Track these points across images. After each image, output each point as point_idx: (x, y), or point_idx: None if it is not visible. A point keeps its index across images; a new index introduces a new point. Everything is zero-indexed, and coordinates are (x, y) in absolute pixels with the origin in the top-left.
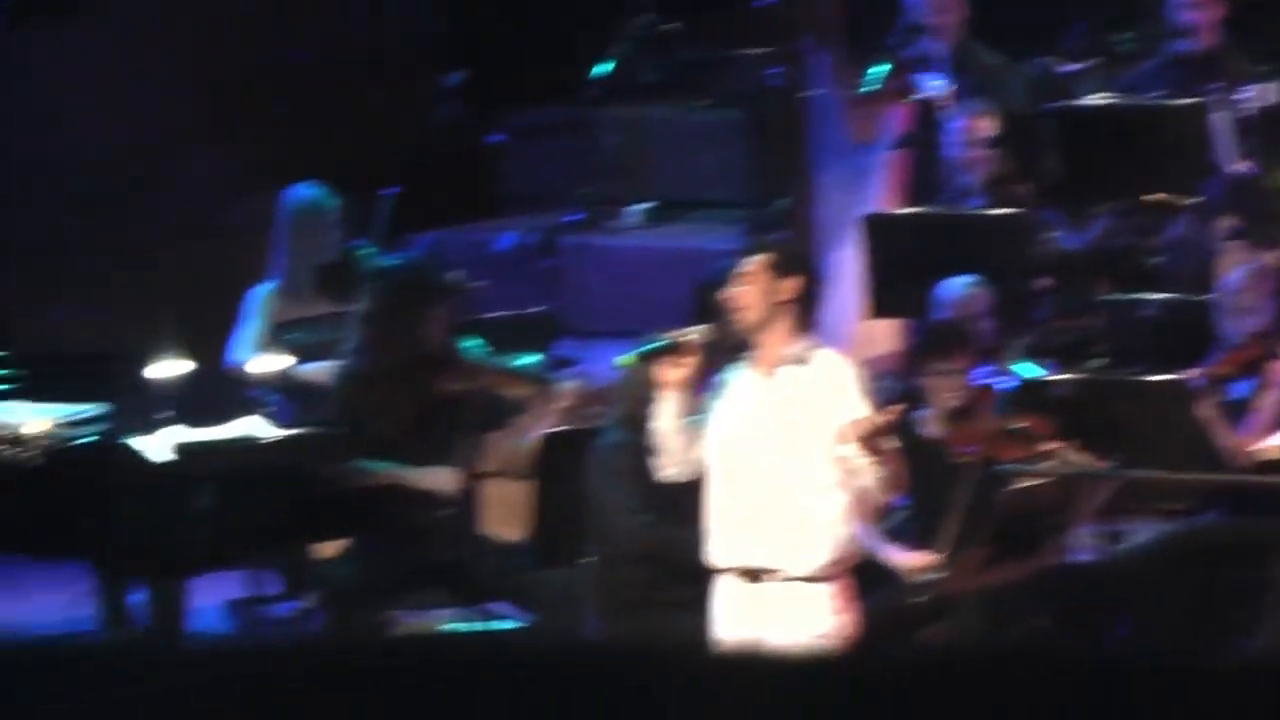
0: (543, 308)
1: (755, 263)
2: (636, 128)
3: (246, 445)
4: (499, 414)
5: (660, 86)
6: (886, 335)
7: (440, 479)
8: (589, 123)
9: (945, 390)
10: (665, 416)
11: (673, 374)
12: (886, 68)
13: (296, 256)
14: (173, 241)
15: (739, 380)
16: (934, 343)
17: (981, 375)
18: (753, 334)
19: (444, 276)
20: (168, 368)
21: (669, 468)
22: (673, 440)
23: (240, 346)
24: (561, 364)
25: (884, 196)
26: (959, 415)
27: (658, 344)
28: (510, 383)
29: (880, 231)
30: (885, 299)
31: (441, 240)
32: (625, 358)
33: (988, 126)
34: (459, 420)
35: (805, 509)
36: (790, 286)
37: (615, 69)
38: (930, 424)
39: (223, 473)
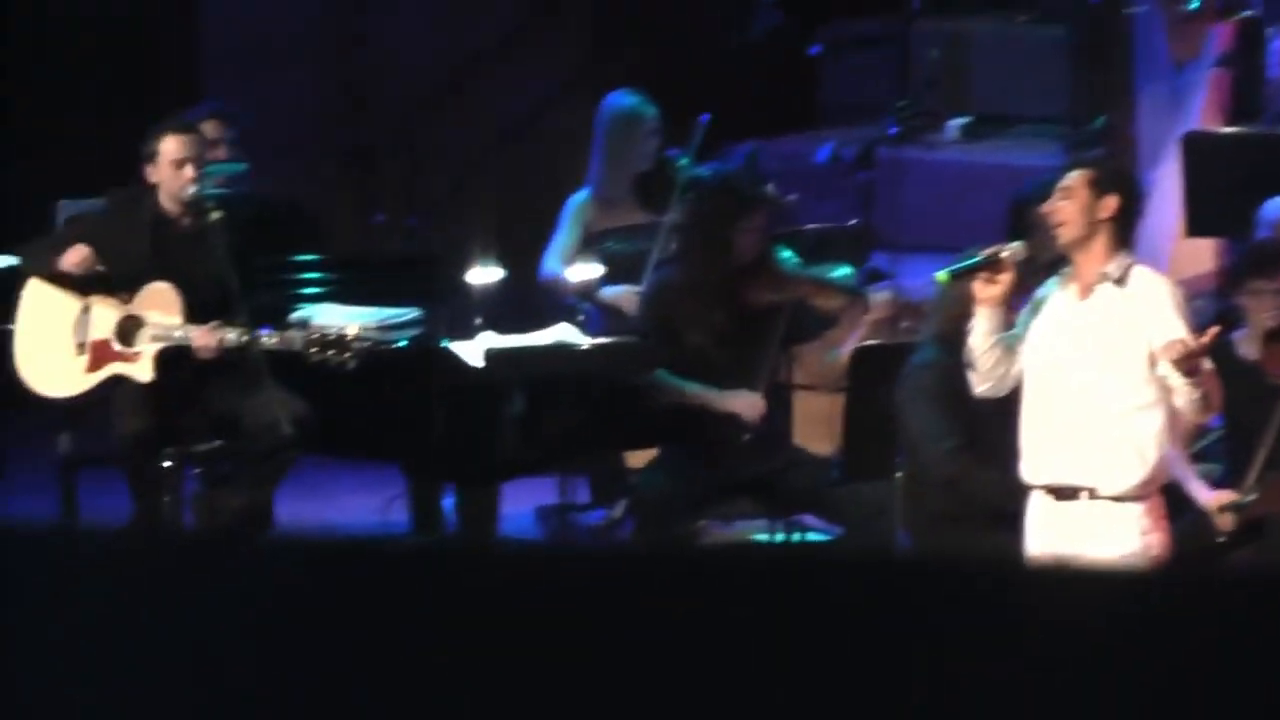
0: (858, 220)
1: (1075, 178)
2: (956, 41)
3: (559, 353)
4: (811, 326)
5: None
6: (1204, 254)
7: (744, 403)
8: (908, 35)
9: (1264, 310)
10: (979, 333)
11: (987, 290)
12: None
13: (613, 165)
14: (491, 148)
15: (1054, 298)
16: (1255, 260)
17: None
18: (1071, 251)
19: (760, 187)
20: (484, 273)
21: (981, 384)
22: (986, 357)
23: (555, 254)
24: (875, 277)
25: (1204, 115)
26: (1277, 336)
27: (973, 260)
28: (823, 294)
29: (1200, 150)
30: (1203, 218)
31: (758, 150)
32: (940, 274)
33: None
34: (772, 332)
35: (1119, 428)
36: (1110, 204)
37: None
38: (1246, 344)
39: (535, 380)
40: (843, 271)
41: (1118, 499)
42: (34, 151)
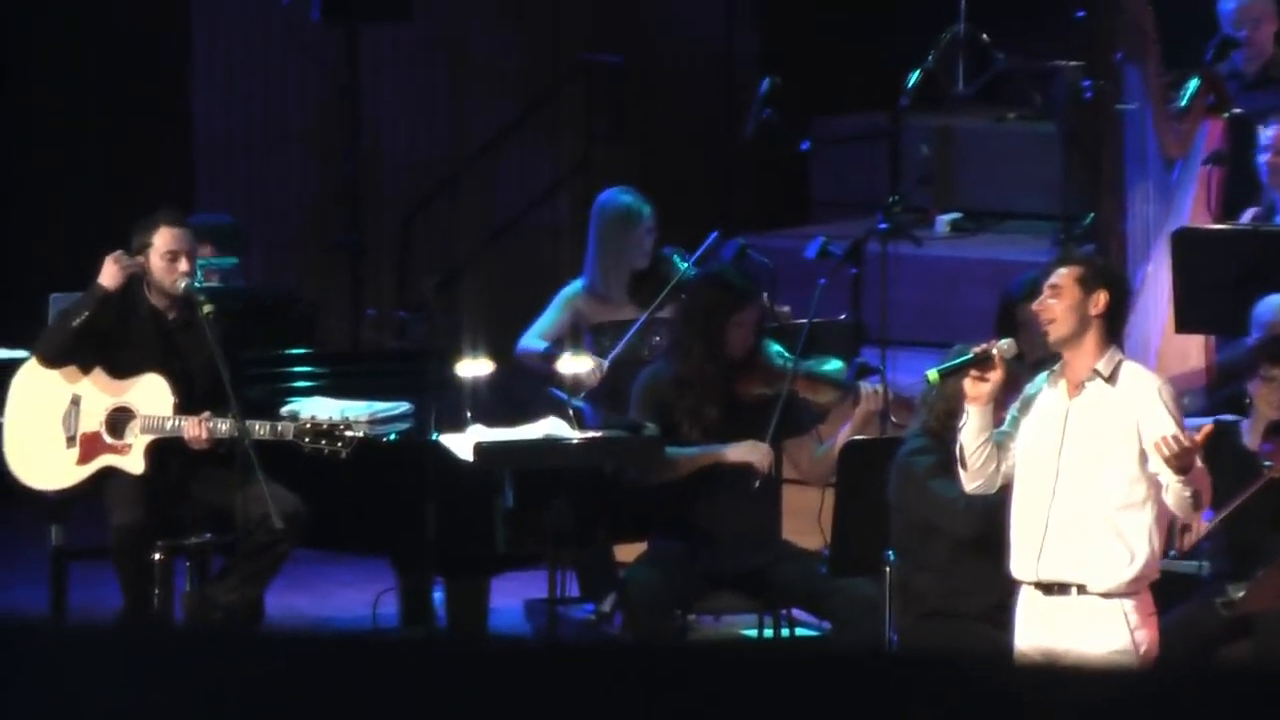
0: (847, 316)
1: (1064, 275)
2: (946, 137)
3: (550, 446)
4: (801, 420)
5: (971, 97)
6: (1193, 351)
7: (753, 451)
8: (898, 131)
9: (1274, 398)
10: (969, 431)
11: (977, 388)
12: (1197, 83)
13: (607, 261)
14: (484, 242)
15: (1044, 394)
16: (1272, 347)
17: None
18: (1061, 348)
19: (749, 283)
20: (474, 367)
21: (972, 482)
22: (977, 454)
23: (535, 331)
24: (864, 371)
25: (1194, 212)
26: (1278, 430)
27: (962, 359)
28: (814, 387)
29: (1190, 246)
30: (1193, 314)
31: (749, 246)
32: (930, 373)
33: None
34: (763, 426)
35: (1109, 525)
36: (1100, 300)
37: (927, 78)
38: (1250, 434)
39: (526, 473)
40: (833, 365)
41: (1107, 595)
42: (26, 243)
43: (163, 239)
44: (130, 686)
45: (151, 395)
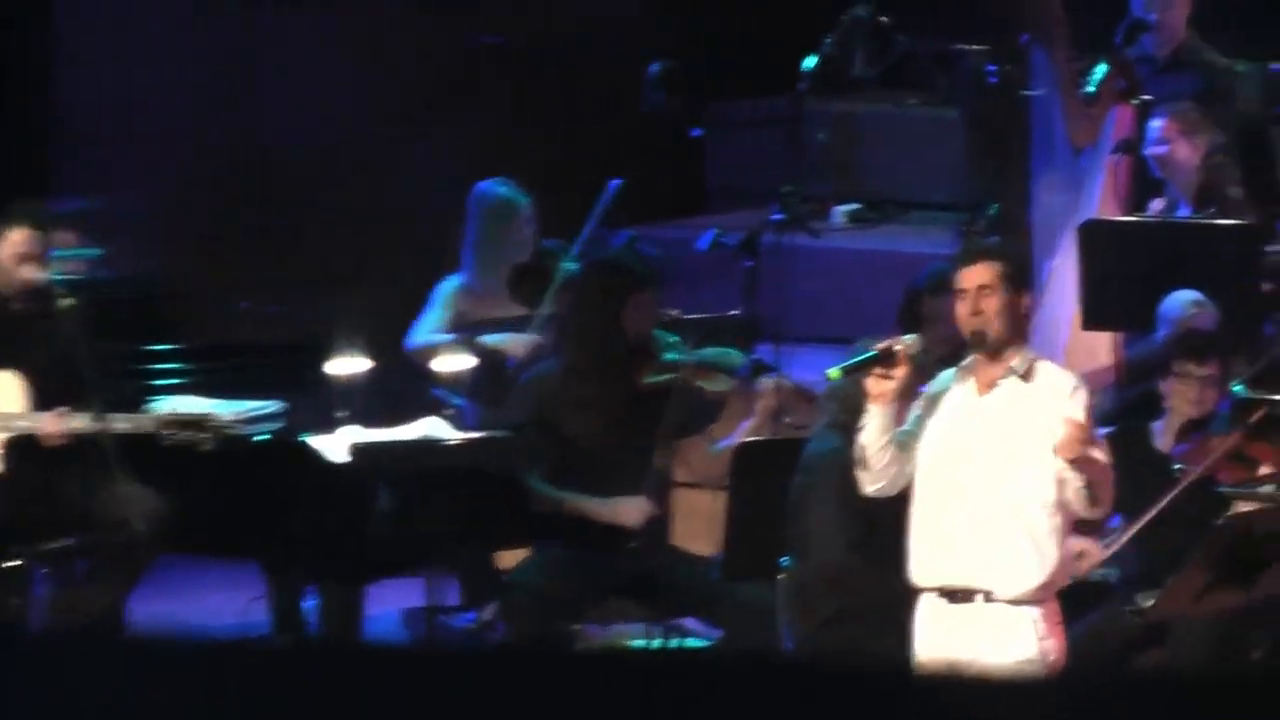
0: (741, 311)
1: (991, 273)
2: (846, 124)
3: (428, 447)
4: (694, 418)
5: (873, 81)
6: (1101, 348)
7: (628, 511)
8: (796, 117)
9: (1187, 398)
10: (871, 430)
11: (880, 386)
12: (1106, 67)
13: (485, 254)
14: (366, 234)
15: (952, 392)
16: (1186, 343)
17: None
18: (991, 350)
19: (646, 266)
20: (349, 364)
21: (872, 483)
22: (879, 455)
23: (423, 329)
24: (760, 369)
25: (1102, 203)
26: (1194, 429)
27: (864, 355)
28: (708, 374)
29: (1097, 239)
30: (1100, 309)
31: (639, 237)
32: (831, 370)
33: (1188, 126)
34: (656, 419)
35: (1019, 528)
36: (1026, 298)
37: (826, 61)
38: (1163, 435)
39: (403, 475)
40: (729, 357)
41: (1015, 602)
42: None
43: (13, 239)
44: None
45: (3, 392)
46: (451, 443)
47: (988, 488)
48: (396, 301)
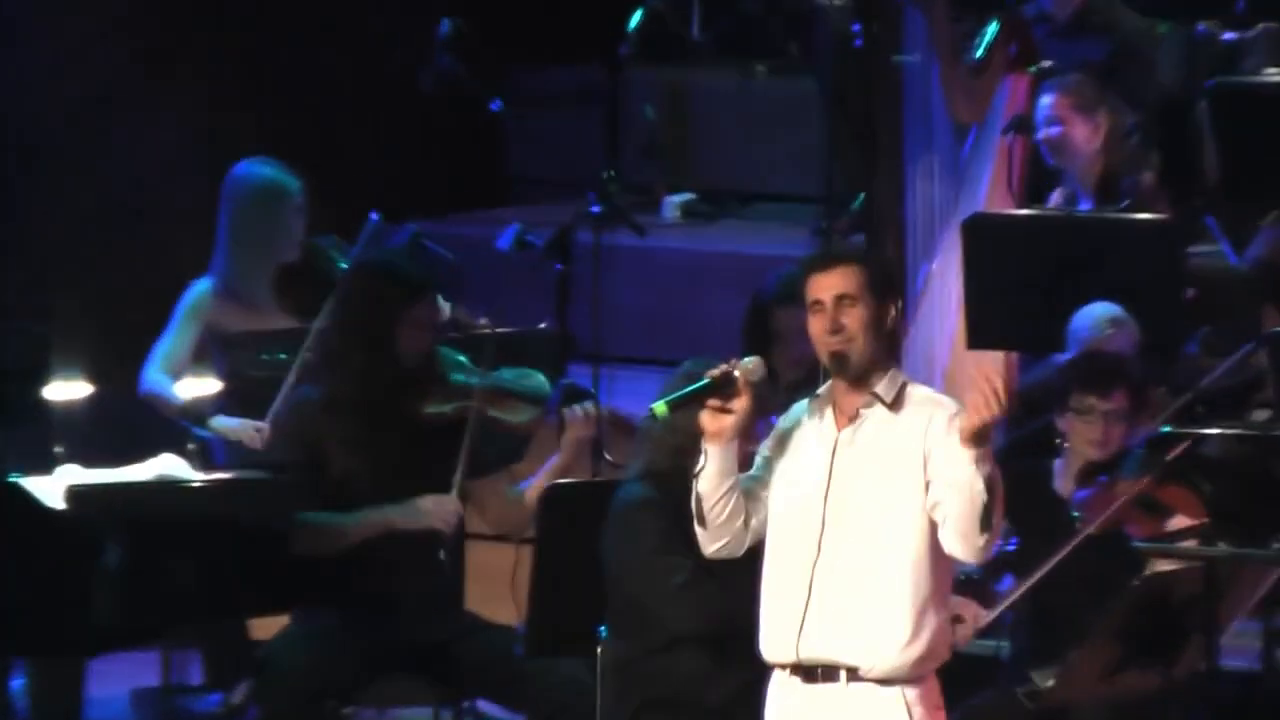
0: (550, 324)
1: (853, 278)
2: (678, 97)
3: (166, 490)
4: (489, 455)
5: (710, 46)
6: (990, 371)
7: (433, 510)
8: (617, 89)
9: (1089, 436)
10: (708, 476)
11: (717, 422)
12: (996, 28)
13: (245, 252)
14: (85, 229)
15: (806, 427)
16: (1085, 372)
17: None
18: (854, 375)
19: (425, 271)
20: (68, 389)
21: (713, 542)
22: (719, 507)
23: (161, 359)
24: (574, 396)
25: (992, 194)
26: (1097, 472)
27: (696, 386)
28: (505, 403)
29: (986, 237)
30: (989, 325)
31: (424, 234)
32: (657, 405)
33: (1083, 102)
34: (444, 458)
35: (890, 592)
36: (893, 311)
37: (653, 20)
38: (1062, 478)
39: (135, 525)
40: (533, 380)
41: (884, 681)
42: None
43: None
44: None
45: None
46: (195, 485)
47: (849, 543)
48: (128, 311)
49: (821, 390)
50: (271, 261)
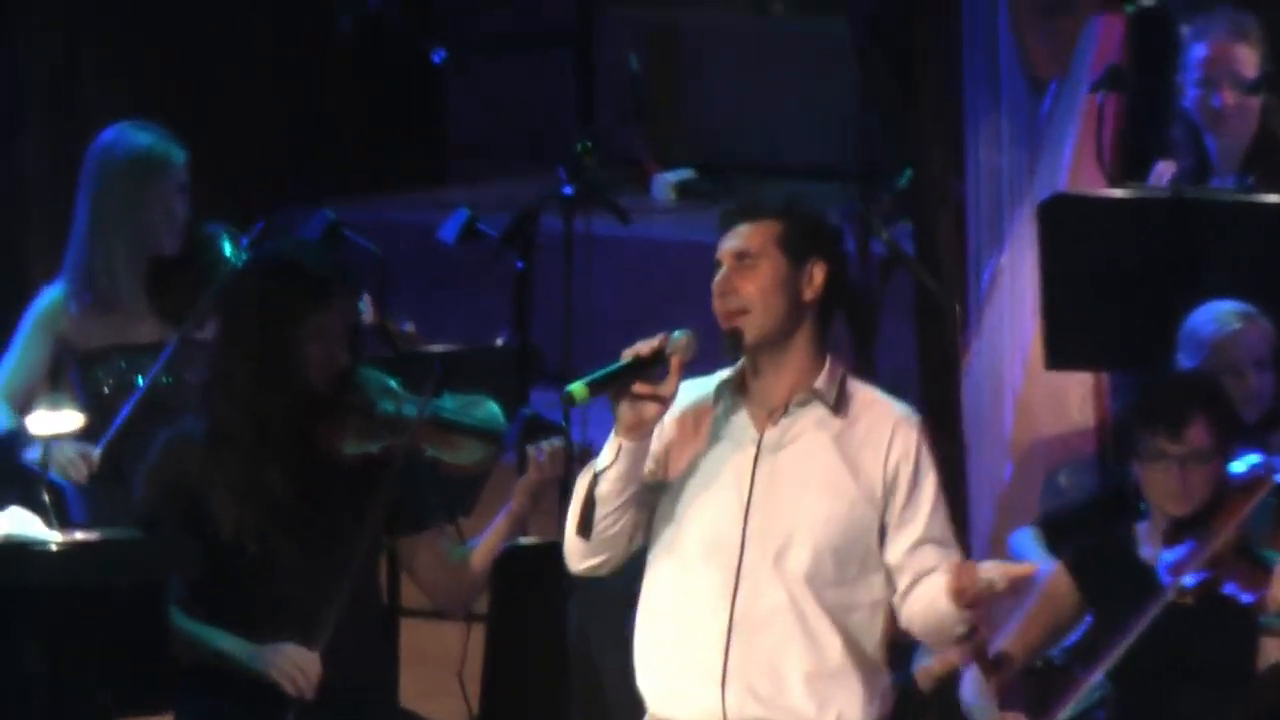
0: (507, 337)
1: (758, 234)
2: (668, 43)
3: (12, 554)
4: (428, 505)
5: None
6: (1078, 397)
7: (287, 668)
8: (591, 32)
9: (1167, 487)
10: (609, 477)
11: (638, 411)
12: None
13: (111, 243)
14: None
15: (714, 419)
16: (1151, 409)
17: (1248, 464)
18: (756, 351)
19: (343, 272)
20: None
21: (588, 558)
22: (613, 516)
23: (6, 383)
24: (537, 427)
25: (1076, 167)
26: (1192, 527)
27: (621, 365)
28: (447, 439)
29: (1070, 225)
30: (1072, 337)
31: (341, 221)
32: (574, 385)
33: (1250, 59)
34: (361, 509)
35: (834, 639)
36: (817, 276)
37: None
38: (1149, 539)
39: None
40: (484, 409)
41: None
42: None
43: None
44: None
45: None
46: (49, 547)
47: (782, 572)
48: None
49: (729, 372)
50: (145, 253)
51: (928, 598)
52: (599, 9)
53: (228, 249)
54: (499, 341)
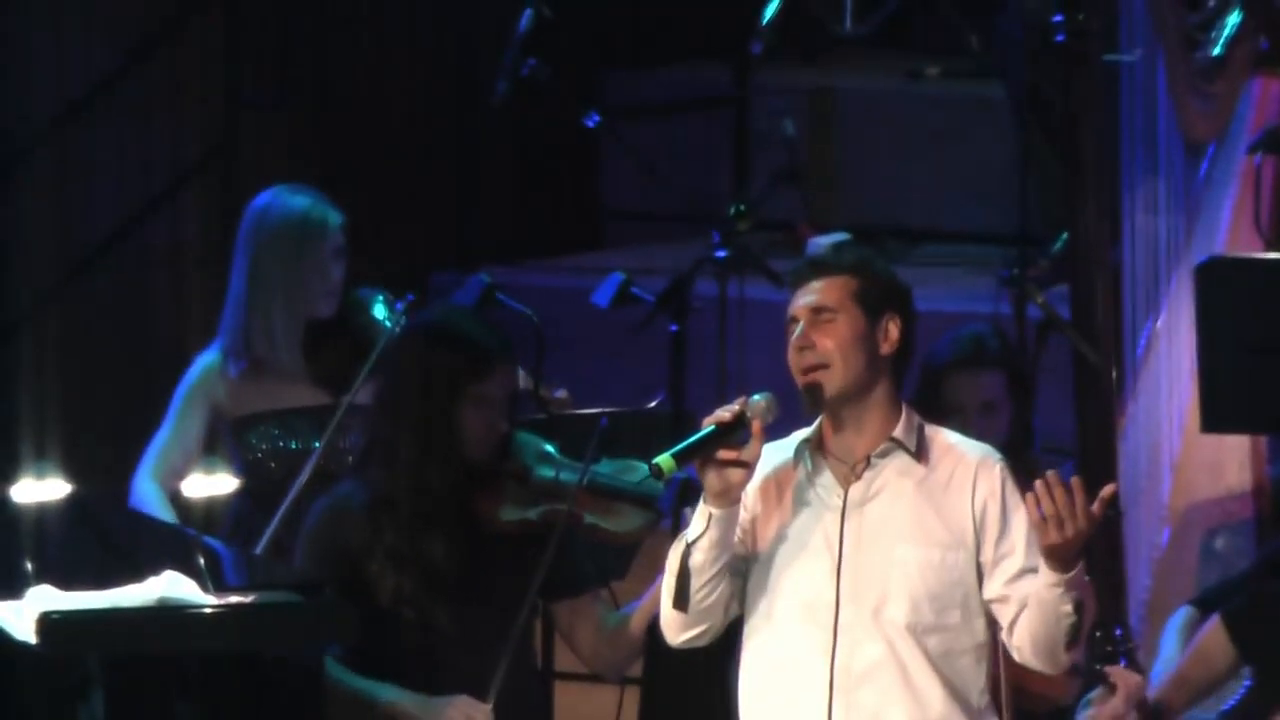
0: (663, 401)
1: (833, 289)
2: (825, 107)
3: (167, 618)
4: (583, 568)
5: (867, 41)
6: (1236, 457)
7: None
8: (747, 96)
9: None
10: (701, 547)
11: (724, 479)
12: (1240, 17)
13: (267, 305)
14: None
15: (796, 480)
16: None
17: None
18: (835, 407)
19: (501, 338)
20: (41, 489)
21: (686, 630)
22: (708, 587)
23: (154, 459)
24: (691, 493)
25: (1234, 230)
26: None
27: (703, 433)
28: (605, 507)
29: (1227, 288)
30: (1230, 400)
31: (498, 285)
32: (661, 459)
33: None
34: (521, 574)
35: (927, 691)
36: (893, 331)
37: (793, 9)
38: None
39: (126, 661)
40: (639, 475)
41: None
42: None
43: None
44: None
45: None
46: (205, 611)
47: (881, 626)
48: (114, 393)
49: (808, 432)
50: (301, 316)
51: (1028, 606)
52: (755, 74)
53: (382, 313)
54: (652, 405)
